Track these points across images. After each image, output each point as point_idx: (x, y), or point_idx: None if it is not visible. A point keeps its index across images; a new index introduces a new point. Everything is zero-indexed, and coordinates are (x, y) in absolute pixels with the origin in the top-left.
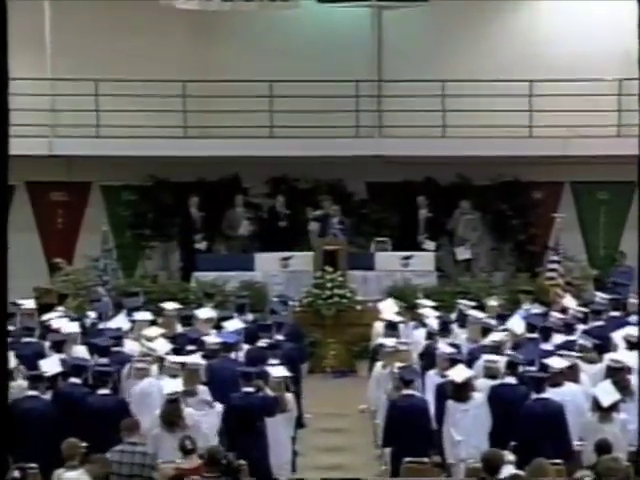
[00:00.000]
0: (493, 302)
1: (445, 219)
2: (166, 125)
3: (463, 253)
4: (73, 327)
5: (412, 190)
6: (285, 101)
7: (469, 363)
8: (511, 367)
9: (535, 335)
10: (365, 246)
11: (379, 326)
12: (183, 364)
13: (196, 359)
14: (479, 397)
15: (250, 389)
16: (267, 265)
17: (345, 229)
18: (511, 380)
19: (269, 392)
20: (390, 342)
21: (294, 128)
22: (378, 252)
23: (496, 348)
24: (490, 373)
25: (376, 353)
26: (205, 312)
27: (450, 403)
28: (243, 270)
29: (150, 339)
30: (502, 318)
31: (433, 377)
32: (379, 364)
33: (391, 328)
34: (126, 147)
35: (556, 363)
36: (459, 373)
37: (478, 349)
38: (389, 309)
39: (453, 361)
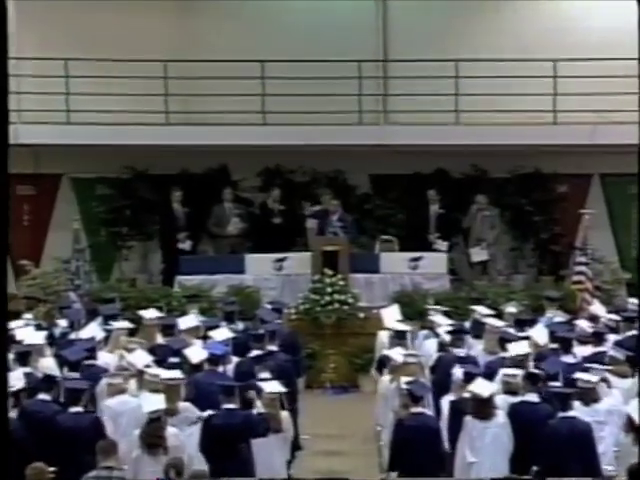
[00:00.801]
0: (513, 309)
1: (459, 216)
2: (146, 110)
3: (479, 254)
4: (39, 337)
5: (422, 183)
6: (279, 84)
7: (486, 378)
8: (533, 382)
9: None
10: (369, 246)
11: (384, 336)
12: (165, 379)
13: (179, 373)
14: (501, 415)
15: (232, 405)
16: (259, 267)
17: (346, 227)
18: (533, 397)
19: (261, 409)
20: (397, 354)
21: (289, 114)
22: (383, 253)
23: (516, 361)
24: (510, 389)
25: (382, 366)
26: (189, 320)
27: (469, 420)
28: (232, 273)
29: (128, 351)
30: (523, 327)
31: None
32: (385, 378)
33: (398, 338)
34: (100, 135)
35: (585, 377)
36: (483, 387)
37: (496, 362)
38: (392, 316)
39: (469, 376)
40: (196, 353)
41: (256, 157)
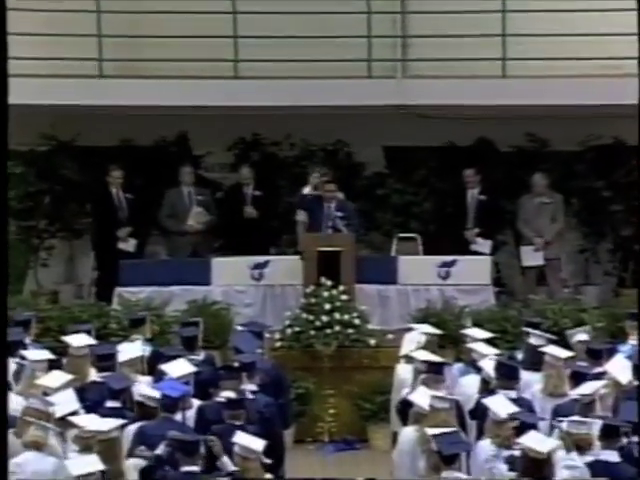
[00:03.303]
0: (583, 335)
1: (507, 204)
2: (70, 57)
3: (535, 257)
4: None
5: (456, 160)
6: (257, 22)
7: (550, 429)
8: (611, 435)
9: None
10: (382, 246)
11: (404, 371)
12: (100, 430)
13: (120, 422)
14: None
15: (194, 468)
16: (230, 276)
17: (351, 219)
18: (611, 455)
19: (230, 466)
20: (423, 396)
21: (271, 63)
22: (403, 256)
23: (588, 406)
24: (578, 444)
25: (401, 413)
26: (133, 349)
27: None
28: (193, 284)
29: (47, 391)
30: (597, 359)
31: (487, 449)
32: (406, 430)
33: (424, 373)
34: (9, 92)
35: None
36: (540, 441)
37: (559, 407)
38: (415, 344)
39: (521, 426)
40: (144, 394)
41: (226, 124)
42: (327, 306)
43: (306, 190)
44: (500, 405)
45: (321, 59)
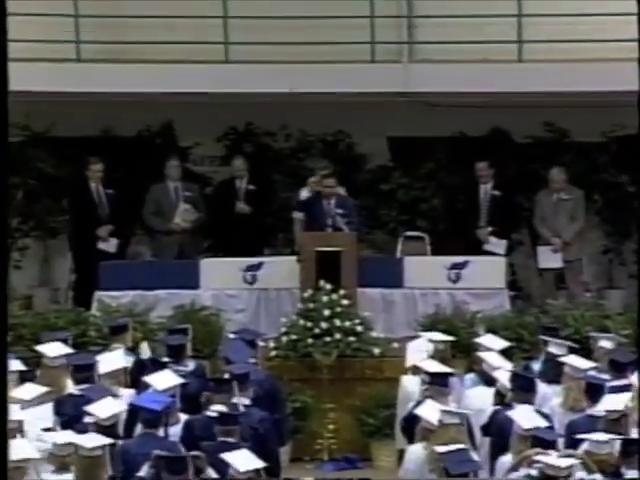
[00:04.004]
0: (606, 343)
1: (523, 200)
2: (46, 40)
3: (553, 258)
4: None
5: (467, 151)
6: (249, 1)
7: (567, 446)
8: (632, 453)
9: None
10: (387, 246)
11: (411, 383)
12: (77, 447)
13: (100, 439)
14: None
15: None
16: (220, 278)
17: (352, 217)
18: (635, 474)
19: None
20: (431, 410)
21: (265, 46)
22: (409, 257)
23: (611, 422)
24: (601, 465)
25: (408, 428)
26: (115, 359)
27: None
28: (180, 287)
29: (21, 405)
30: (622, 371)
31: (507, 464)
32: (414, 448)
33: (432, 386)
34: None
35: None
36: (559, 460)
37: (580, 422)
38: (423, 353)
39: (539, 443)
40: (124, 408)
41: (216, 112)
42: (326, 312)
43: (304, 194)
44: (527, 418)
45: (320, 42)
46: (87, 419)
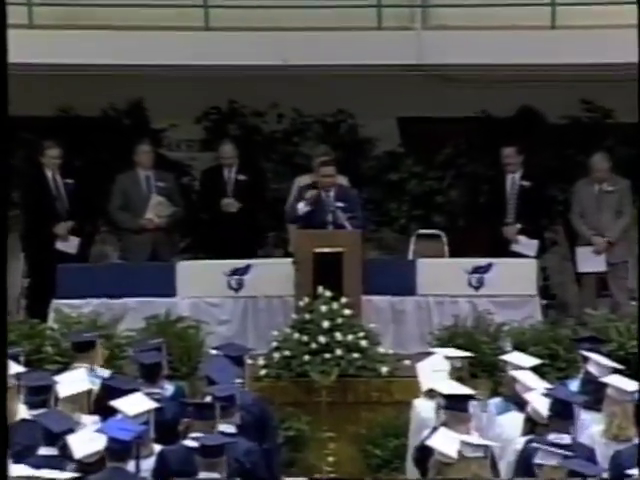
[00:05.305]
0: None
1: (557, 193)
2: None
3: (594, 261)
4: None
5: (491, 135)
6: None
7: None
8: None
9: None
10: (397, 246)
11: (425, 407)
12: None
13: (59, 474)
14: None
15: None
16: (201, 284)
17: (355, 211)
18: None
19: None
20: (448, 441)
21: (252, 10)
22: (423, 259)
23: None
24: None
25: (421, 463)
26: (76, 380)
27: None
28: (153, 295)
29: None
30: None
31: None
32: None
33: (449, 410)
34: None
35: None
36: None
37: (626, 454)
38: (439, 372)
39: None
40: (88, 439)
41: (194, 89)
42: (325, 324)
43: (302, 210)
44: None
45: (317, 5)
46: (44, 450)
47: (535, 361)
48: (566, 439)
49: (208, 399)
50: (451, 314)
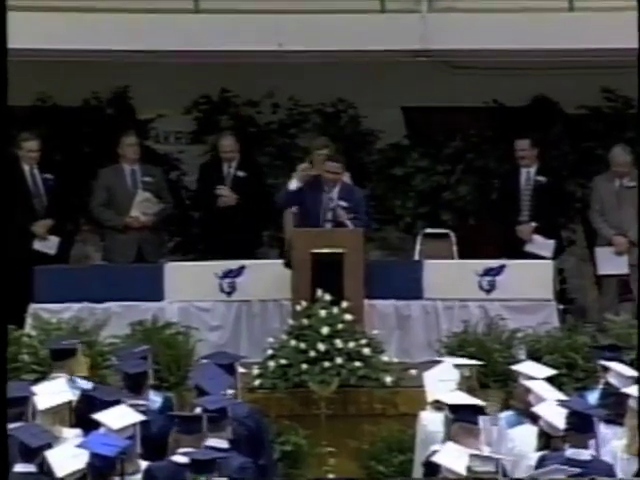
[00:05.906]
0: None
1: (576, 188)
2: None
3: (615, 263)
4: None
5: (504, 126)
6: None
7: None
8: None
9: None
10: (402, 247)
11: (432, 420)
12: None
13: None
14: None
15: None
16: (190, 287)
17: (358, 209)
18: None
19: None
20: (457, 456)
21: None
22: (430, 260)
23: None
24: None
25: (429, 476)
26: (57, 391)
27: None
28: (138, 299)
29: None
30: None
31: None
32: None
33: (457, 422)
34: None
35: None
36: None
37: None
38: (447, 383)
39: None
40: (69, 455)
41: (183, 77)
42: (325, 330)
43: (293, 185)
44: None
45: None
46: (20, 467)
47: (550, 371)
48: (585, 454)
49: (198, 411)
50: (460, 319)
